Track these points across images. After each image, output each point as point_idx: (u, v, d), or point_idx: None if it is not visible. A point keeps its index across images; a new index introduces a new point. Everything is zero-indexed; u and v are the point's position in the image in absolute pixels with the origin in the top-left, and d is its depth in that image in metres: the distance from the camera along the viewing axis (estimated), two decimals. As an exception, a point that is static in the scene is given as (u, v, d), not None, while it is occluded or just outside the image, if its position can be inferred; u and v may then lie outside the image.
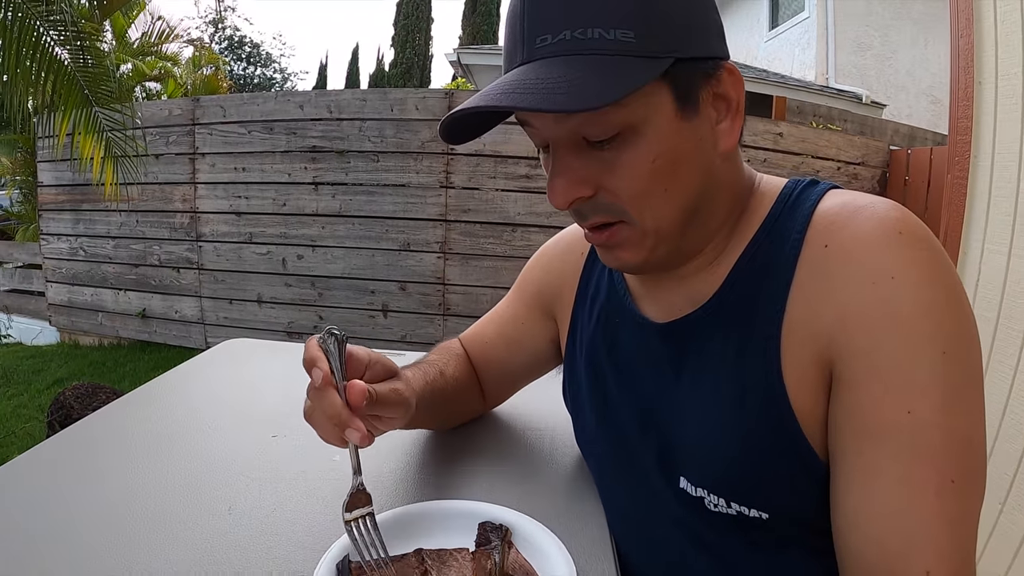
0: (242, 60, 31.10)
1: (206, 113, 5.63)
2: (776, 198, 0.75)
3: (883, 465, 0.61)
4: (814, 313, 0.66)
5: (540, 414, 1.20)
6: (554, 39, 0.63)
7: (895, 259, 0.63)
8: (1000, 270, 1.60)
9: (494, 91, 0.64)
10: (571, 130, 0.67)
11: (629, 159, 0.66)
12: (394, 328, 5.36)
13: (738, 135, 0.71)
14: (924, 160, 4.69)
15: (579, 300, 0.98)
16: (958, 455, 0.60)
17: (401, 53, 24.45)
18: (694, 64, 0.65)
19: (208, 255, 5.79)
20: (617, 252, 0.74)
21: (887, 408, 0.61)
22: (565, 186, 0.69)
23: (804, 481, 0.68)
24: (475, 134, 0.74)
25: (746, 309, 0.72)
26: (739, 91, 0.69)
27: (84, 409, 3.53)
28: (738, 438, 0.70)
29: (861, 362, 0.63)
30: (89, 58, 4.26)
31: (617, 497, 0.90)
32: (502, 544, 0.74)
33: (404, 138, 5.13)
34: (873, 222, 0.65)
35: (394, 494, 0.91)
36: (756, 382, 0.69)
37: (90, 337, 6.67)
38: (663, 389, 0.80)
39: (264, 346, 1.66)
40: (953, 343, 0.61)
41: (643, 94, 0.63)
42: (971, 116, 1.73)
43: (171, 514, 0.86)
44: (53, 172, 6.33)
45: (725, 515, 0.73)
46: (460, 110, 0.65)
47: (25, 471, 0.98)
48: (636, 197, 0.68)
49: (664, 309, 0.82)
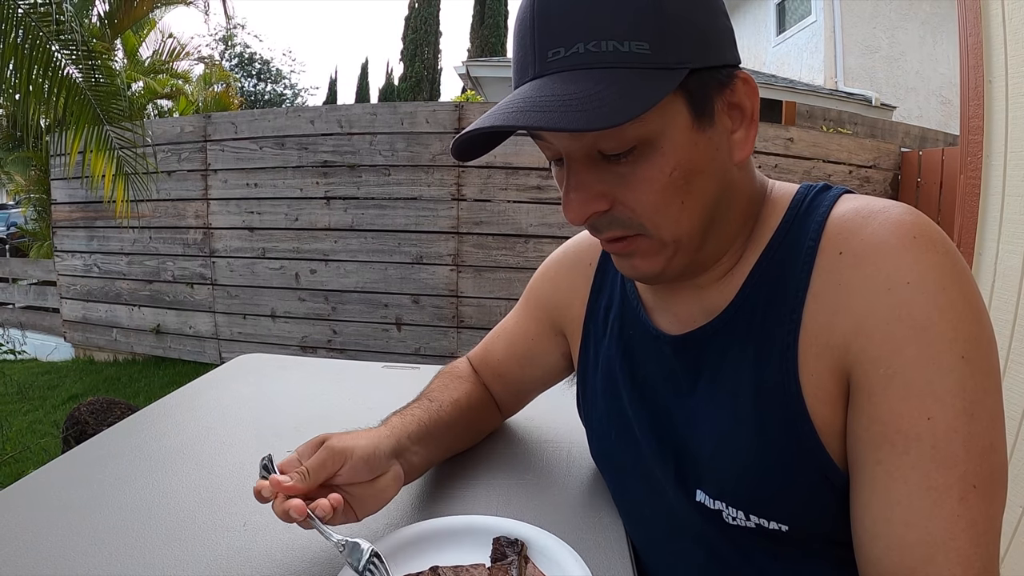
0: (252, 77, 31.37)
1: (218, 130, 5.67)
2: (788, 205, 0.74)
3: (905, 473, 0.60)
4: (831, 321, 0.66)
5: (556, 426, 1.20)
6: (567, 52, 0.62)
7: (910, 264, 0.62)
8: (1016, 270, 1.58)
9: (508, 109, 0.62)
10: (586, 145, 0.66)
11: (645, 173, 0.65)
12: (408, 341, 5.35)
13: (753, 144, 0.70)
14: (936, 161, 4.66)
15: (590, 313, 0.96)
16: (979, 460, 0.59)
17: (410, 67, 24.59)
18: (708, 74, 0.65)
19: (221, 271, 5.82)
20: (634, 262, 0.73)
21: (907, 415, 0.60)
22: (581, 201, 0.68)
23: (824, 492, 0.68)
24: (485, 150, 0.73)
25: (762, 319, 0.71)
26: (754, 100, 0.68)
27: (99, 424, 3.54)
28: (756, 450, 0.70)
29: (879, 369, 0.62)
30: (100, 76, 4.29)
31: (634, 511, 0.89)
32: (519, 558, 0.74)
33: (415, 151, 5.14)
34: (887, 227, 0.64)
35: (408, 511, 0.91)
36: (774, 393, 0.68)
37: (105, 353, 6.71)
38: (679, 401, 0.79)
39: (277, 361, 1.66)
40: (972, 347, 0.60)
41: (659, 107, 0.62)
42: (982, 115, 1.72)
43: (186, 529, 0.85)
44: (66, 189, 6.38)
45: (744, 528, 0.72)
46: (475, 129, 0.64)
47: (40, 486, 0.98)
48: (653, 210, 0.67)
49: (678, 321, 0.81)
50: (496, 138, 0.72)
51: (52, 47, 3.91)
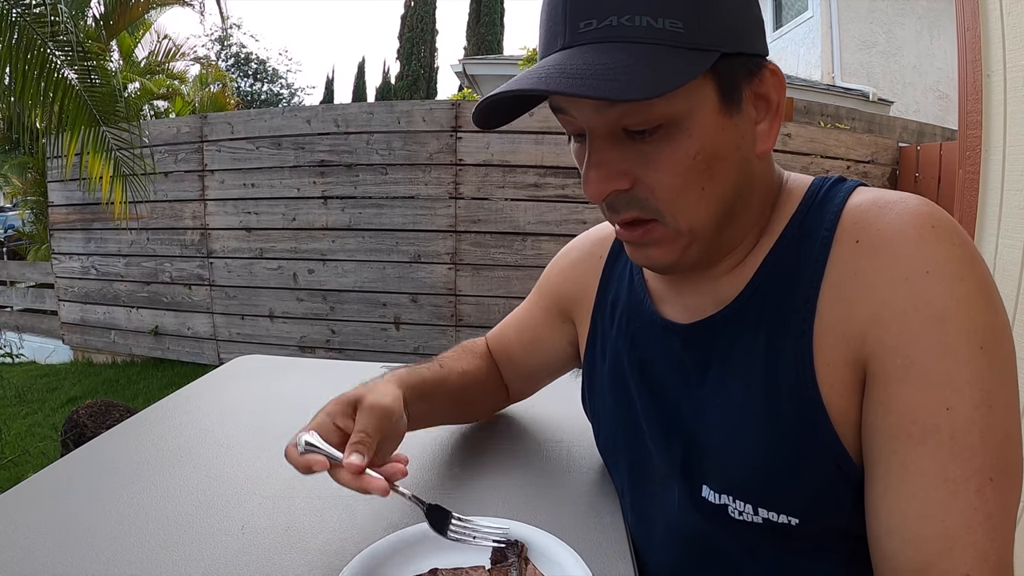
0: (249, 77, 31.36)
1: (214, 130, 5.66)
2: (803, 195, 0.74)
3: (922, 465, 0.60)
4: (847, 311, 0.65)
5: (557, 424, 1.19)
6: (599, 24, 0.61)
7: (929, 254, 0.61)
8: (1015, 264, 1.58)
9: (538, 74, 0.61)
10: (611, 120, 0.65)
11: (670, 153, 0.64)
12: (406, 340, 5.35)
13: (776, 137, 0.69)
14: (934, 156, 4.66)
15: (599, 305, 0.96)
16: (996, 452, 0.59)
17: (407, 65, 24.58)
18: (738, 60, 0.64)
19: (219, 271, 5.81)
20: (648, 251, 0.72)
21: (925, 406, 0.60)
22: (602, 178, 0.67)
23: (837, 485, 0.67)
24: (510, 117, 0.73)
25: (775, 308, 0.70)
26: (780, 92, 0.68)
27: (97, 427, 3.54)
28: (768, 441, 0.69)
29: (897, 359, 0.61)
30: (96, 78, 4.28)
31: (638, 506, 0.88)
32: (519, 560, 0.73)
33: (412, 150, 5.13)
34: (905, 217, 0.64)
35: (408, 513, 0.90)
36: (788, 383, 0.68)
37: (103, 355, 6.70)
38: (688, 392, 0.79)
39: (276, 362, 1.66)
40: (989, 338, 0.60)
41: (688, 87, 0.61)
42: (981, 110, 1.71)
43: (184, 533, 0.85)
44: (63, 192, 6.37)
45: (751, 523, 0.71)
46: (503, 92, 0.63)
47: (38, 491, 0.98)
48: (673, 195, 0.66)
49: (688, 310, 0.80)
50: (521, 106, 0.71)
51: (47, 49, 3.90)
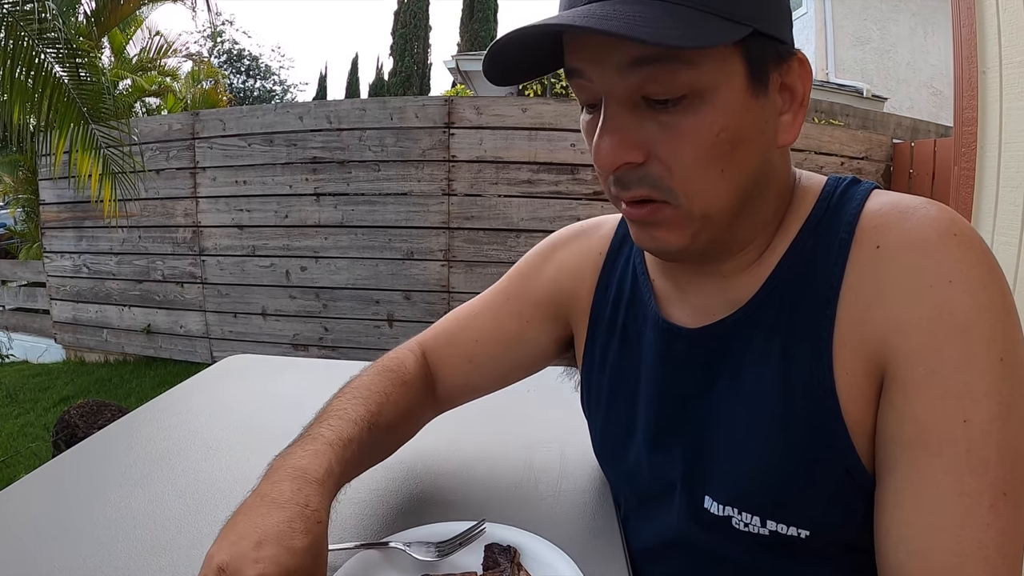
0: (241, 73, 31.25)
1: (206, 127, 5.63)
2: (818, 196, 0.72)
3: (937, 477, 0.58)
4: (866, 316, 0.63)
5: (549, 428, 1.18)
6: None
7: (952, 262, 0.60)
8: (1011, 261, 1.58)
9: (564, 17, 0.58)
10: (632, 86, 0.61)
11: (692, 126, 0.61)
12: (400, 337, 5.24)
13: (798, 130, 0.67)
14: (928, 152, 4.67)
15: (597, 304, 0.91)
16: (1011, 466, 0.58)
17: (400, 62, 24.50)
18: (769, 43, 0.62)
19: (211, 269, 5.79)
20: (656, 232, 0.68)
21: (943, 416, 0.59)
22: (615, 146, 0.63)
23: (849, 495, 0.66)
24: (518, 78, 0.70)
25: (791, 312, 0.69)
26: (806, 84, 0.66)
27: (89, 428, 3.52)
28: (780, 449, 0.68)
29: (917, 365, 0.60)
30: (86, 75, 4.25)
31: (634, 513, 0.87)
32: (512, 566, 0.72)
33: (405, 146, 5.12)
34: (926, 223, 0.62)
35: (399, 518, 0.89)
36: (803, 390, 0.66)
37: (96, 354, 6.67)
38: (694, 398, 0.76)
39: (267, 362, 1.65)
40: (1009, 349, 0.59)
41: (718, 58, 0.59)
42: (976, 106, 1.71)
43: (176, 535, 0.84)
44: (54, 190, 6.33)
45: (756, 535, 0.70)
46: (527, 28, 0.59)
47: (30, 492, 0.97)
48: (690, 173, 0.63)
49: (696, 313, 0.77)
50: (534, 68, 0.69)
51: (35, 46, 3.87)
